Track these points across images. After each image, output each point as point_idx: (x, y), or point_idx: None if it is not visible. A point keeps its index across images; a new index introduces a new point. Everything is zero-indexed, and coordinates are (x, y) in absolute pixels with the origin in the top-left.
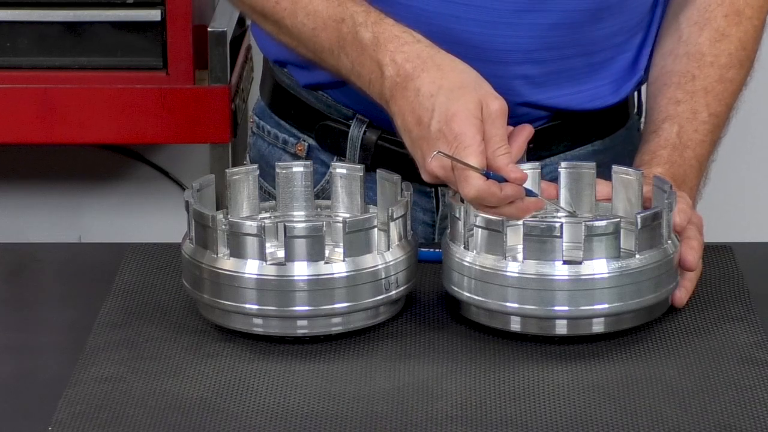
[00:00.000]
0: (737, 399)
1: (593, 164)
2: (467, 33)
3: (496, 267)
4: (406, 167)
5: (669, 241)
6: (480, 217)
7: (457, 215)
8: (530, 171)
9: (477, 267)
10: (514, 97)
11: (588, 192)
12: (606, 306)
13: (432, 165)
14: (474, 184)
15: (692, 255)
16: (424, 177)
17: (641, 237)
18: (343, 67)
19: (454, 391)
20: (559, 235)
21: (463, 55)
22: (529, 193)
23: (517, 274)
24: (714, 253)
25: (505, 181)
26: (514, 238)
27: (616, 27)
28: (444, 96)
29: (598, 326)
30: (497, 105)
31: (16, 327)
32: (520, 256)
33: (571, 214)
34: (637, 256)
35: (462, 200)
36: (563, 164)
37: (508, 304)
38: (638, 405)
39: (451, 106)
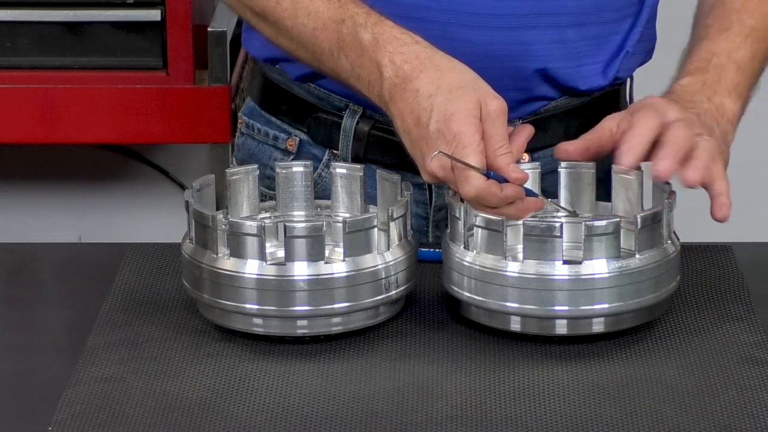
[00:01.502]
0: (737, 399)
1: (593, 164)
2: None
3: (496, 267)
4: (399, 156)
5: (669, 241)
6: (480, 217)
7: (457, 215)
8: (530, 171)
9: (477, 267)
10: (510, 63)
11: (588, 192)
12: (606, 306)
13: (432, 165)
14: (474, 183)
15: (663, 163)
16: (424, 177)
17: (641, 237)
18: (343, 69)
19: (454, 391)
20: (559, 235)
21: (460, 23)
22: (529, 193)
23: (517, 274)
24: (714, 253)
25: (506, 181)
26: (514, 238)
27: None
28: (442, 96)
29: (598, 326)
30: (496, 104)
31: (16, 327)
32: (520, 256)
33: (572, 214)
34: (637, 256)
35: (462, 200)
36: (563, 164)
37: (508, 304)
38: (638, 405)
39: (449, 106)
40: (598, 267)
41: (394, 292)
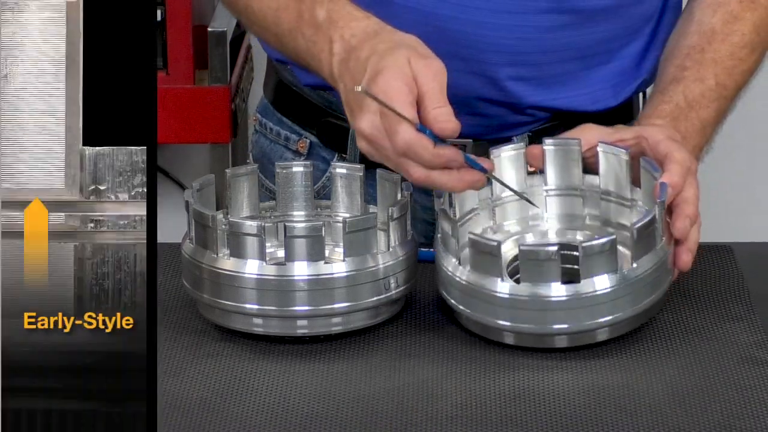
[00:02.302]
0: (737, 399)
1: (579, 140)
2: (460, 33)
3: (489, 287)
4: None
5: (663, 239)
6: (470, 238)
7: (449, 231)
8: (513, 153)
9: (468, 285)
10: (511, 99)
11: (575, 167)
12: (607, 318)
13: (362, 123)
14: (403, 135)
15: (682, 222)
16: (358, 143)
17: (637, 246)
18: (300, 48)
19: (454, 392)
20: (555, 258)
21: (456, 55)
22: (472, 164)
23: (508, 295)
24: (714, 253)
25: (442, 142)
26: (505, 254)
27: (610, 33)
28: (376, 56)
29: (599, 337)
30: (431, 63)
31: None
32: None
33: (526, 200)
34: (634, 265)
35: (451, 205)
36: (548, 141)
37: (502, 322)
38: (638, 405)
39: (379, 64)
40: (600, 283)
41: (394, 292)
